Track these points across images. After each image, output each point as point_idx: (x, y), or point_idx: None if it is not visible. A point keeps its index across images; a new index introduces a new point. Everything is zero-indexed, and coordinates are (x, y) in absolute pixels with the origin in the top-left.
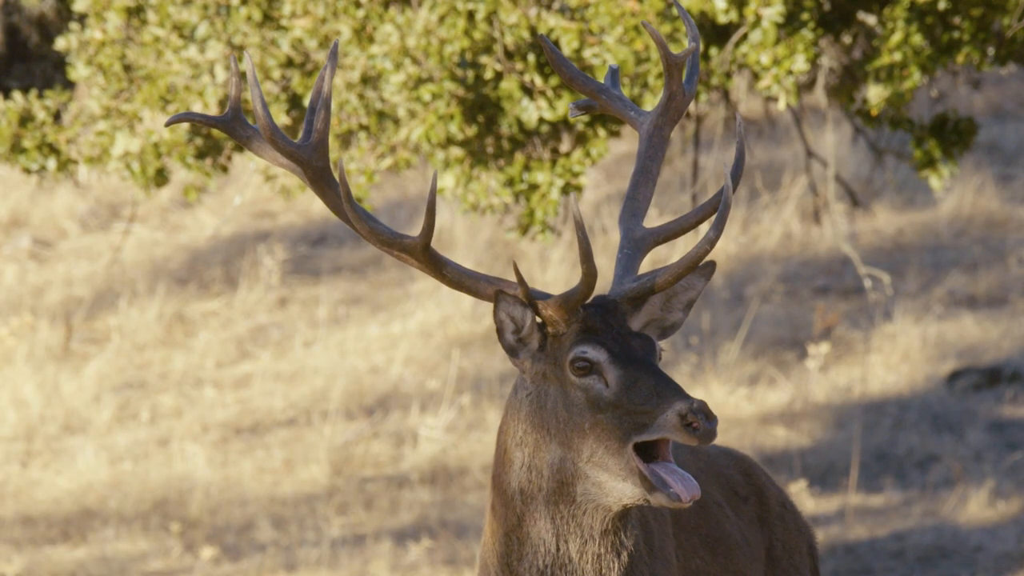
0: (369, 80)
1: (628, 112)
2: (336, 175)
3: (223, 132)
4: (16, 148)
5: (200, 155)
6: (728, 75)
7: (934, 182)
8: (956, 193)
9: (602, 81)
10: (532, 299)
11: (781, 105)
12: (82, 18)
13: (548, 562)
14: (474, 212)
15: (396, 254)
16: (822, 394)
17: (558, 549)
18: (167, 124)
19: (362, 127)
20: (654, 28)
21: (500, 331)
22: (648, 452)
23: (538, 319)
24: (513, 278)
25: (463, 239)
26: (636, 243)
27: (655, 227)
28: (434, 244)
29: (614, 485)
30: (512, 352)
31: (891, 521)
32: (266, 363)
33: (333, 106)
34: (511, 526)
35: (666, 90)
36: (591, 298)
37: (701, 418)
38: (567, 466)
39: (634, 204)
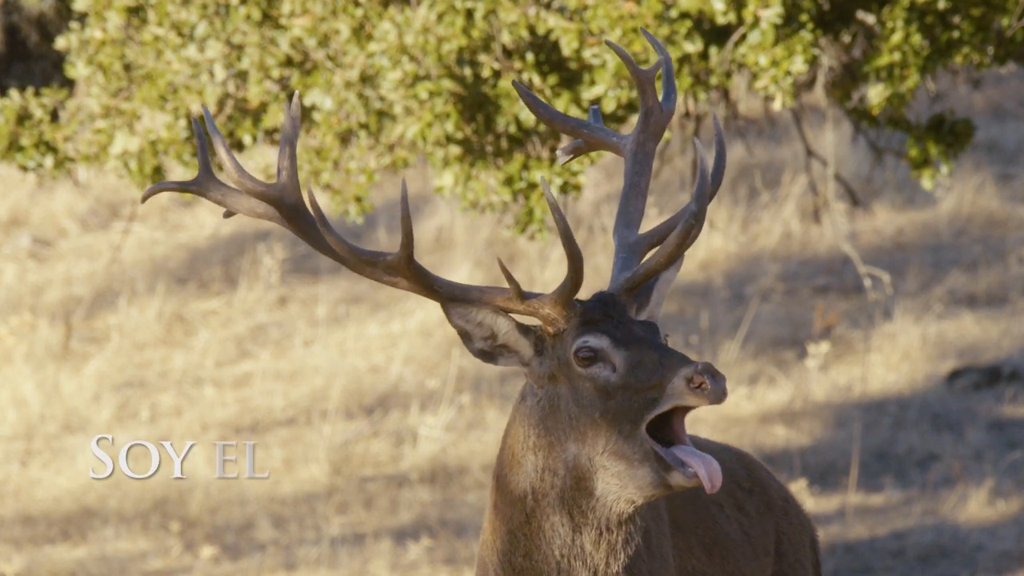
0: (368, 79)
1: (611, 139)
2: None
3: (197, 194)
4: (13, 146)
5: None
6: (728, 75)
7: (926, 182)
8: (956, 192)
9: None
10: (523, 299)
11: (778, 105)
12: (82, 17)
13: (564, 553)
14: (473, 210)
15: (385, 279)
16: (822, 393)
17: (573, 541)
18: (143, 200)
19: (361, 126)
20: (619, 46)
21: (466, 338)
22: (667, 440)
23: (536, 321)
24: (512, 283)
25: (462, 238)
26: (631, 247)
27: (649, 231)
28: (434, 244)
29: (633, 473)
30: (488, 358)
31: (891, 520)
32: (266, 362)
33: (332, 105)
34: (517, 524)
35: (642, 106)
36: (590, 297)
37: (707, 377)
38: (582, 462)
39: (627, 216)
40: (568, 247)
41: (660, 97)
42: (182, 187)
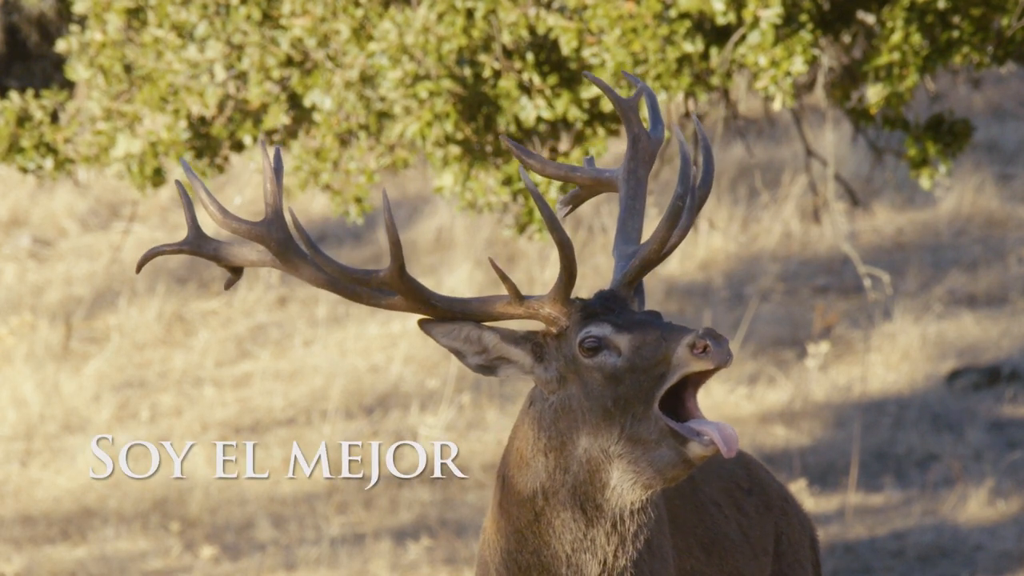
0: (368, 79)
1: (603, 175)
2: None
3: (190, 254)
4: (14, 148)
5: (198, 155)
6: (728, 75)
7: (924, 182)
8: (956, 192)
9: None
10: (522, 300)
11: (777, 105)
12: (82, 20)
13: (576, 547)
14: (471, 210)
15: (383, 302)
16: (822, 393)
17: (586, 535)
18: (138, 269)
19: (361, 127)
20: (599, 78)
21: (459, 355)
22: (683, 419)
23: (537, 325)
24: (507, 284)
25: (462, 238)
26: (630, 256)
27: (646, 240)
28: (434, 244)
29: (651, 456)
30: (487, 372)
31: (891, 520)
32: (266, 362)
33: (332, 105)
34: (525, 523)
35: (628, 134)
36: (591, 296)
37: (710, 341)
38: (595, 454)
39: (625, 234)
40: (555, 235)
41: (648, 127)
42: (176, 248)
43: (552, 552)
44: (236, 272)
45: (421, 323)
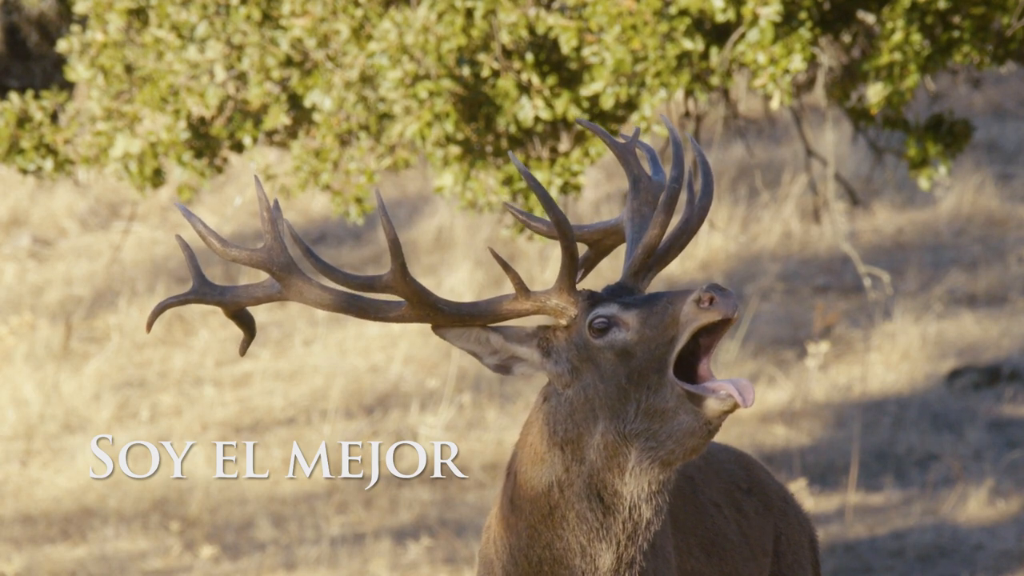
0: (368, 79)
1: (609, 225)
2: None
3: (197, 303)
4: (14, 149)
5: (197, 155)
6: (728, 74)
7: (923, 182)
8: (956, 192)
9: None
10: (529, 294)
11: (775, 104)
12: (83, 20)
13: (591, 537)
14: (471, 210)
15: (392, 315)
16: (822, 393)
17: (602, 525)
18: (148, 328)
19: (362, 127)
20: (595, 125)
21: (476, 357)
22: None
23: (544, 320)
24: (509, 284)
25: (463, 238)
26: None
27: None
28: (434, 244)
29: (670, 428)
30: (504, 371)
31: (891, 520)
32: (266, 362)
33: (332, 106)
34: (538, 518)
35: (629, 177)
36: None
37: (715, 293)
38: (611, 439)
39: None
40: (552, 215)
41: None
42: (182, 300)
43: (565, 544)
44: (249, 331)
45: (435, 327)
